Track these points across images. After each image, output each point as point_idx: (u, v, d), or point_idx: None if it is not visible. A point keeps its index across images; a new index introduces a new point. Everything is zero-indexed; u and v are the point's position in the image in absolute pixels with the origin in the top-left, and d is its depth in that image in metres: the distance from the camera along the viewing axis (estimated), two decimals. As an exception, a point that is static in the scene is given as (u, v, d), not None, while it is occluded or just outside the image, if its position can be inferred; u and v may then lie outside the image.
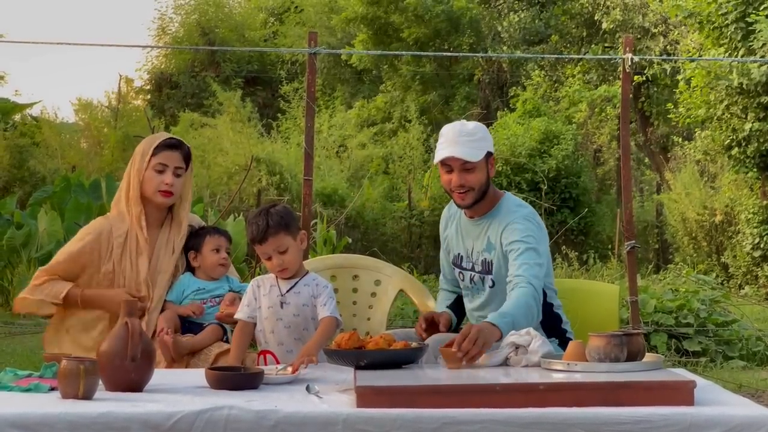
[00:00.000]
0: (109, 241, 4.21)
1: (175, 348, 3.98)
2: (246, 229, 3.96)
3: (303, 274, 3.92)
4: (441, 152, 4.08)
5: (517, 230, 4.03)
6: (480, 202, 4.15)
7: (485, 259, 4.15)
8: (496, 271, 4.11)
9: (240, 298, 4.06)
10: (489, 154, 4.12)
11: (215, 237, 4.32)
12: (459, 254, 4.28)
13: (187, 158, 4.33)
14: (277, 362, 3.73)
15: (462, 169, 4.06)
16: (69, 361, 2.95)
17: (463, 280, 4.28)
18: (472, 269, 4.20)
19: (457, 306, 4.42)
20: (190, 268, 4.34)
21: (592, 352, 3.18)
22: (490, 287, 4.14)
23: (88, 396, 2.93)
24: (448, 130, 4.11)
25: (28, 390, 3.07)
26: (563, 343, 4.07)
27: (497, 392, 2.87)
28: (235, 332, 3.86)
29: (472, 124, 4.13)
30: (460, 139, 4.06)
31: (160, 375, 3.29)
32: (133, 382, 3.08)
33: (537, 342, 3.45)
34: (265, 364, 3.73)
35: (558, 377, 3.09)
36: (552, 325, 4.15)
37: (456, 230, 4.31)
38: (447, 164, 4.08)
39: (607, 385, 2.90)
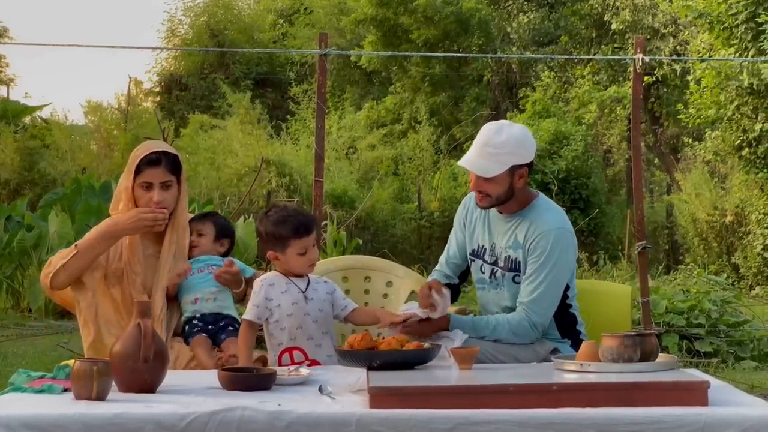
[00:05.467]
0: (116, 245, 4.23)
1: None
2: (279, 227, 3.87)
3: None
4: (465, 156, 4.07)
5: (542, 245, 4.03)
6: (506, 204, 4.12)
7: (509, 256, 4.11)
8: (524, 270, 4.09)
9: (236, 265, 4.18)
10: (517, 167, 4.02)
11: (192, 223, 4.37)
12: (482, 246, 4.23)
13: (174, 167, 4.22)
14: (307, 357, 3.75)
15: (480, 177, 4.03)
16: (82, 363, 2.96)
17: (482, 273, 4.23)
18: (495, 263, 4.17)
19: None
20: None
21: (605, 352, 3.17)
22: (516, 284, 4.12)
23: (101, 397, 2.93)
24: (481, 133, 4.05)
25: (41, 391, 3.07)
26: (576, 344, 4.06)
27: (510, 393, 2.86)
28: (243, 333, 3.83)
29: (505, 135, 3.99)
30: (484, 150, 3.99)
31: (173, 376, 3.29)
32: (146, 384, 3.08)
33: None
34: (292, 361, 3.73)
35: (571, 378, 3.08)
36: (566, 325, 4.14)
37: (483, 221, 4.24)
38: None
39: (621, 386, 2.90)
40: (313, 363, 3.77)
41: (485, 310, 4.26)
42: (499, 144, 3.97)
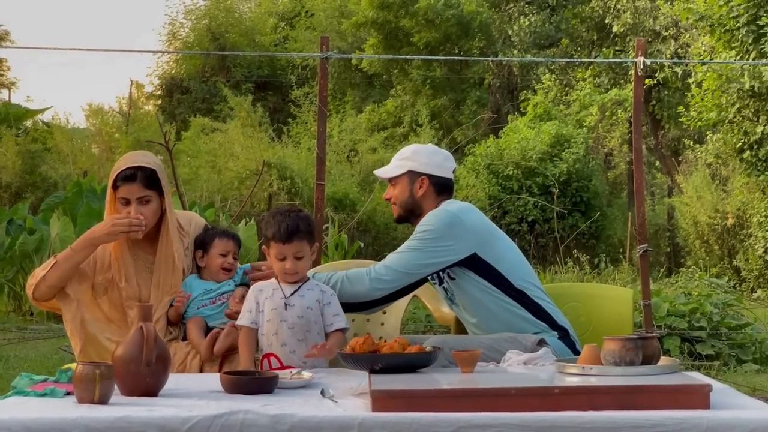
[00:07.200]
0: (105, 250, 4.22)
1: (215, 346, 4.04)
2: (266, 225, 3.87)
3: (305, 279, 3.93)
4: None
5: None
6: (419, 218, 4.26)
7: None
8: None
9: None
10: (416, 174, 4.27)
11: (224, 240, 4.27)
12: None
13: (151, 182, 4.15)
14: (281, 364, 3.74)
15: (390, 183, 4.38)
16: (85, 366, 2.95)
17: (445, 293, 4.32)
18: (438, 278, 4.25)
19: None
20: (198, 268, 4.32)
21: (607, 355, 3.17)
22: (452, 279, 4.19)
23: (103, 401, 2.93)
24: None
25: (43, 395, 3.07)
26: (563, 338, 4.09)
27: (512, 396, 2.86)
28: (241, 338, 3.86)
29: (414, 147, 4.39)
30: (392, 160, 4.40)
31: (175, 380, 3.29)
32: (149, 387, 3.08)
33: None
34: (270, 367, 3.73)
35: (573, 381, 3.07)
36: (548, 322, 4.15)
37: None
38: None
39: (623, 389, 2.89)
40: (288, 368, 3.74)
41: (467, 327, 4.32)
42: (402, 152, 4.39)
